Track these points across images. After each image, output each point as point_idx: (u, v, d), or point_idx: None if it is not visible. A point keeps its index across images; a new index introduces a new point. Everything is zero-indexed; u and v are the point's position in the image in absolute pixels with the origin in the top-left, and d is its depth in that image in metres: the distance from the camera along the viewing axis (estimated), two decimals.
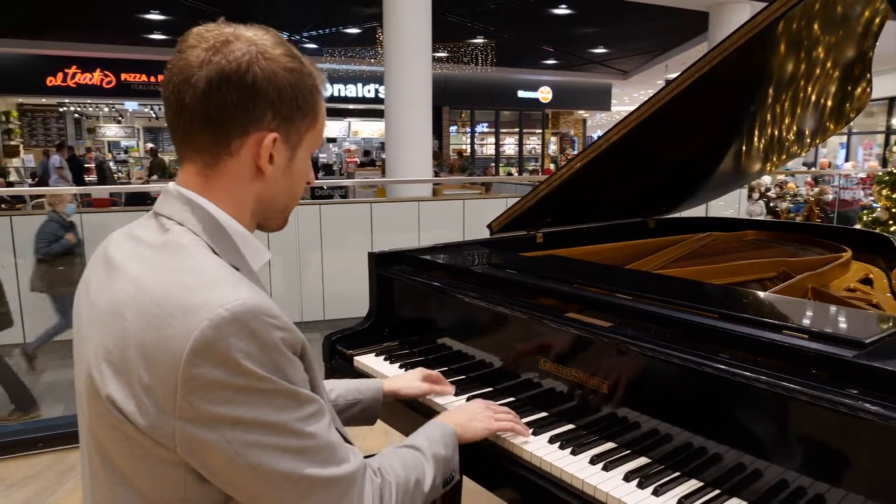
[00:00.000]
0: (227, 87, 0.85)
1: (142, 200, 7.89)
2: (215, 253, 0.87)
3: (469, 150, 17.77)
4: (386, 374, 1.62)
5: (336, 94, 15.41)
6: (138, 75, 13.83)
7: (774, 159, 2.70)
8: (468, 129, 18.03)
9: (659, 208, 2.65)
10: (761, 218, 7.86)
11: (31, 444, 2.99)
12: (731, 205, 5.86)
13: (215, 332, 0.76)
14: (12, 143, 14.49)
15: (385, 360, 1.70)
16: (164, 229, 0.88)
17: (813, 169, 12.44)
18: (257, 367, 0.78)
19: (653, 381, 1.16)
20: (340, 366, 1.76)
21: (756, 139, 2.42)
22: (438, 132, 17.02)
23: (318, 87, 0.95)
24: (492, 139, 18.44)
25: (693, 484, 1.08)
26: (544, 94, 17.48)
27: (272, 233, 1.03)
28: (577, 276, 1.53)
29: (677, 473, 1.10)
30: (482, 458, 1.24)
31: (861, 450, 0.92)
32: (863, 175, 9.24)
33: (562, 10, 10.69)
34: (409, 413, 1.46)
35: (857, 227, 4.79)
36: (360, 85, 15.36)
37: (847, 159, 15.37)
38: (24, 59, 13.17)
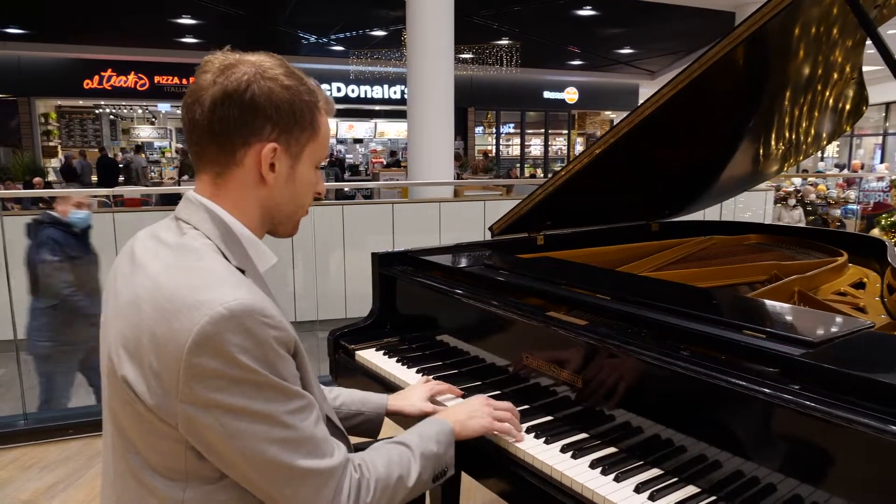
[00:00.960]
0: (229, 104, 0.97)
1: (172, 200, 8.13)
2: (224, 256, 0.98)
3: (494, 151, 17.82)
4: (383, 367, 1.71)
5: (362, 95, 15.60)
6: (171, 78, 14.20)
7: (781, 163, 2.73)
8: (494, 130, 18.09)
9: (662, 212, 2.70)
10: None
11: (63, 430, 3.18)
12: (749, 208, 5.84)
13: (214, 327, 0.86)
14: (51, 143, 14.98)
15: (384, 354, 1.80)
16: (181, 232, 1.00)
17: (844, 171, 12.23)
18: (250, 360, 0.88)
19: (620, 376, 1.24)
20: (343, 360, 1.87)
21: (761, 142, 2.46)
22: (464, 133, 17.11)
23: (317, 104, 1.06)
24: (517, 140, 18.46)
25: (653, 472, 1.15)
26: (570, 95, 17.45)
27: (291, 236, 1.13)
28: (562, 277, 1.61)
29: (640, 462, 1.18)
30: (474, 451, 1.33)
31: (804, 443, 0.99)
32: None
33: (586, 12, 10.70)
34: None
35: (875, 230, 4.75)
36: (386, 86, 15.51)
37: (882, 160, 15.04)
38: (63, 62, 13.62)
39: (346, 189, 10.04)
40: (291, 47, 13.56)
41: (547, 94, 17.41)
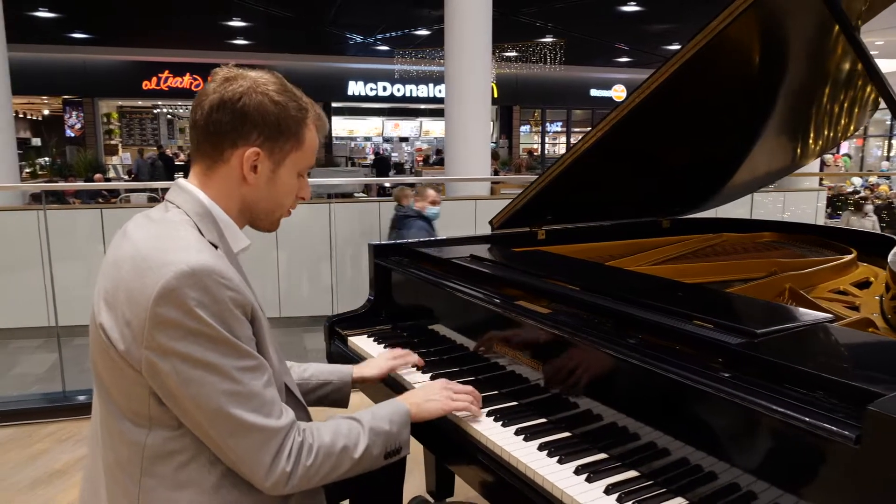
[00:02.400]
0: (223, 110, 1.11)
1: None
2: (199, 231, 1.09)
3: (540, 150, 17.73)
4: (372, 353, 1.78)
5: (408, 94, 15.77)
6: None
7: (799, 158, 2.68)
8: (540, 129, 18.00)
9: (672, 208, 2.68)
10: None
11: None
12: (789, 207, 5.67)
13: (176, 281, 0.98)
14: (112, 142, 15.70)
15: (374, 341, 1.87)
16: (166, 210, 1.13)
17: None
18: (207, 315, 0.99)
19: (574, 362, 1.27)
20: (338, 345, 1.95)
21: (778, 136, 2.42)
22: (508, 131, 17.08)
23: (304, 119, 1.18)
24: (564, 139, 18.31)
25: (599, 456, 1.18)
26: (618, 93, 17.21)
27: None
28: (540, 269, 1.64)
29: (587, 447, 1.21)
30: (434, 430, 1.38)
31: (733, 429, 1.00)
32: None
33: (631, 8, 10.55)
34: (386, 390, 1.61)
35: None
36: (431, 85, 15.63)
37: None
38: (124, 65, 14.28)
39: (387, 185, 10.20)
40: (338, 47, 13.84)
41: (594, 92, 17.21)
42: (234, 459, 1.04)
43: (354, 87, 15.84)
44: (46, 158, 13.86)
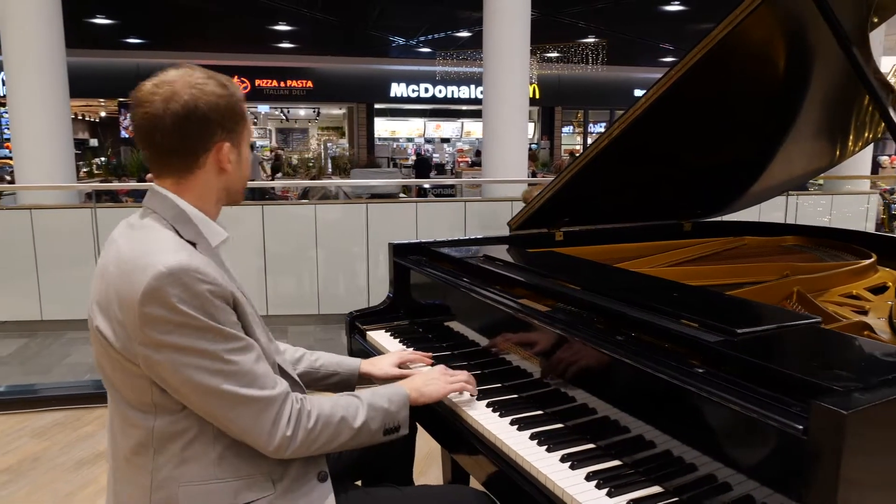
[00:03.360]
0: (187, 124, 1.17)
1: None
2: (177, 233, 1.19)
3: (582, 151, 17.60)
4: (389, 348, 1.88)
5: (449, 95, 15.88)
6: (270, 81, 15.06)
7: (830, 160, 2.65)
8: (582, 129, 17.88)
9: (694, 211, 2.70)
10: None
11: None
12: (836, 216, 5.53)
13: (157, 282, 1.08)
14: None
15: (392, 336, 1.97)
16: (144, 215, 1.23)
17: None
18: (189, 308, 1.09)
19: (569, 358, 1.34)
20: (357, 339, 2.05)
21: (807, 136, 2.41)
22: (550, 132, 17.03)
23: (241, 99, 1.25)
24: None
25: (586, 446, 1.25)
26: None
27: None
28: (547, 269, 1.71)
29: (576, 437, 1.28)
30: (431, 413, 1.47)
31: (712, 421, 1.05)
32: None
33: (675, 7, 10.43)
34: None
35: None
36: (472, 86, 15.71)
37: None
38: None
39: (426, 186, 10.32)
40: (381, 50, 14.04)
41: (638, 93, 16.90)
42: (238, 431, 1.14)
43: (397, 89, 16.04)
44: (102, 158, 14.47)
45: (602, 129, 17.86)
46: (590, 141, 18.02)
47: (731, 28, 1.56)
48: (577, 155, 2.02)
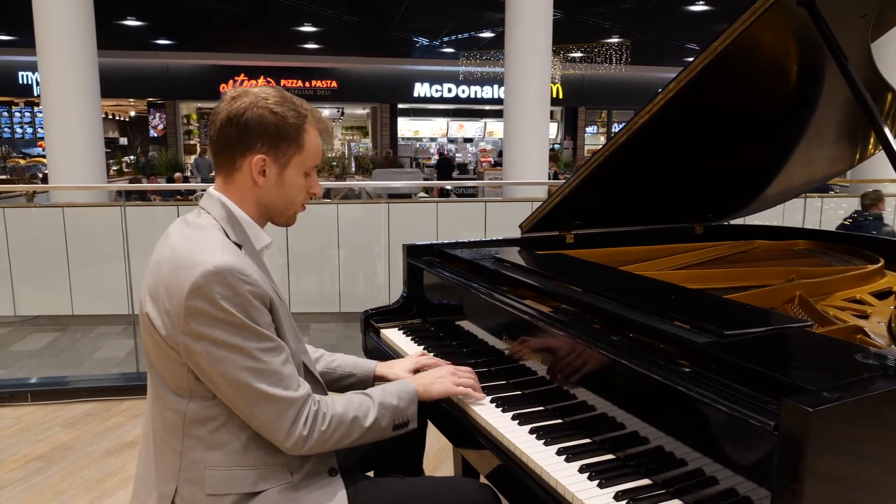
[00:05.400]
0: (229, 126, 1.30)
1: None
2: (226, 233, 1.29)
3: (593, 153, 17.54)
4: (402, 346, 1.96)
5: (472, 95, 15.95)
6: (295, 81, 15.28)
7: (845, 163, 2.66)
8: (606, 130, 17.81)
9: (705, 215, 2.73)
10: None
11: None
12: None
13: (204, 279, 1.18)
14: (191, 142, 16.61)
15: (404, 334, 2.05)
16: (199, 215, 1.34)
17: None
18: (230, 306, 1.18)
19: (569, 357, 1.40)
20: (372, 336, 2.13)
21: (822, 138, 2.42)
22: (573, 132, 16.99)
23: (303, 125, 1.34)
24: None
25: (582, 441, 1.31)
26: None
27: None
28: (552, 271, 1.77)
29: (574, 432, 1.34)
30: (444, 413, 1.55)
31: (698, 418, 1.11)
32: None
33: (699, 7, 10.36)
34: None
35: None
36: (496, 86, 15.76)
37: None
38: (203, 69, 15.11)
39: (447, 187, 10.39)
40: (405, 50, 14.16)
41: None
42: (258, 425, 1.23)
43: (420, 89, 16.15)
44: (131, 157, 14.81)
45: None
46: None
47: (743, 29, 1.60)
48: (590, 157, 2.07)
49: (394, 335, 2.04)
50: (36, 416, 3.44)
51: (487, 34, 12.35)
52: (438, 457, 2.80)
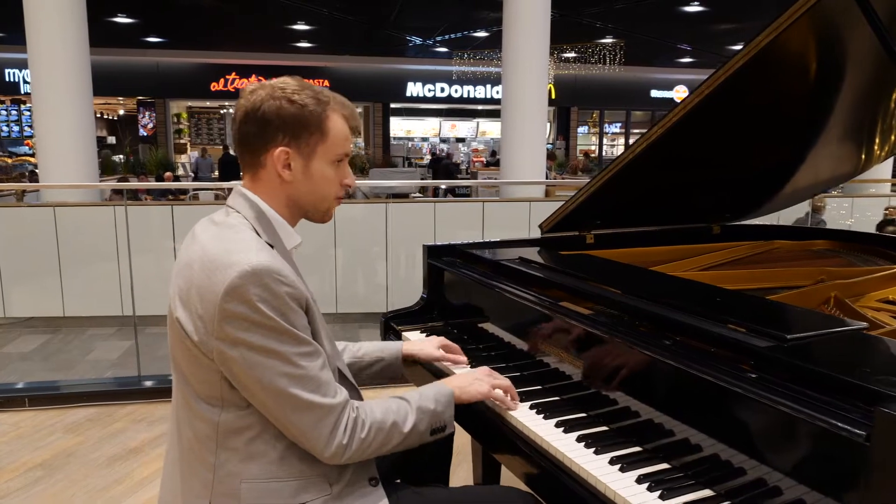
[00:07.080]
0: (248, 121, 1.24)
1: None
2: (257, 233, 1.23)
3: (597, 151, 17.57)
4: None
5: (465, 95, 15.90)
6: None
7: (859, 164, 2.64)
8: (598, 130, 17.85)
9: (723, 214, 2.70)
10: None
11: (168, 391, 3.62)
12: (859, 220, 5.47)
13: (240, 280, 1.11)
14: (181, 141, 16.43)
15: (426, 337, 1.99)
16: (227, 214, 1.27)
17: None
18: (267, 308, 1.12)
19: (612, 361, 1.35)
20: (392, 340, 2.06)
21: (840, 138, 2.39)
22: (566, 132, 17.00)
23: (324, 112, 1.26)
24: (622, 140, 18.09)
25: (633, 449, 1.26)
26: (680, 94, 16.89)
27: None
28: (583, 272, 1.72)
29: (623, 440, 1.29)
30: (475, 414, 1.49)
31: (764, 426, 1.06)
32: None
33: (694, 8, 10.38)
34: (430, 377, 1.72)
35: None
36: (489, 86, 15.73)
37: None
38: (193, 67, 14.95)
39: (442, 187, 10.33)
40: (398, 49, 14.09)
41: (654, 93, 16.95)
42: (296, 434, 1.17)
43: (413, 88, 16.09)
44: (120, 156, 14.63)
45: (617, 130, 17.89)
46: (607, 141, 17.95)
47: (775, 35, 1.57)
48: (615, 158, 2.03)
49: (416, 338, 1.98)
50: (35, 421, 3.34)
51: (482, 34, 12.31)
52: (454, 460, 2.72)
